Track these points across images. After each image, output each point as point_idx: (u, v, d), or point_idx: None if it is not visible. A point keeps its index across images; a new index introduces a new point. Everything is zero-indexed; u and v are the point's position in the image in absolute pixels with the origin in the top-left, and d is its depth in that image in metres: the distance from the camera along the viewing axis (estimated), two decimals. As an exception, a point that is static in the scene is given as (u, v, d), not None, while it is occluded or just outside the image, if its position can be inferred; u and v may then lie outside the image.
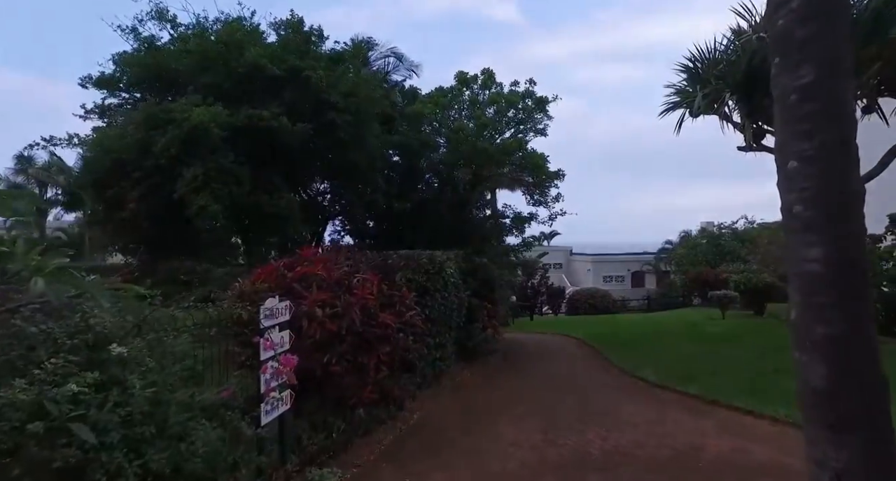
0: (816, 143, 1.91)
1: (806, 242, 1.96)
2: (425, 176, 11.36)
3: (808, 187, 1.93)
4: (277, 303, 4.54)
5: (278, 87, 9.18)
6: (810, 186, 1.92)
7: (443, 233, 11.15)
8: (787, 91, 2.01)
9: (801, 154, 1.95)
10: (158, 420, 3.10)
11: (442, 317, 8.93)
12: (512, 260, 22.42)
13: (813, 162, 1.91)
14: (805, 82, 1.93)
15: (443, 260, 8.68)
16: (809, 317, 2.03)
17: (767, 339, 10.50)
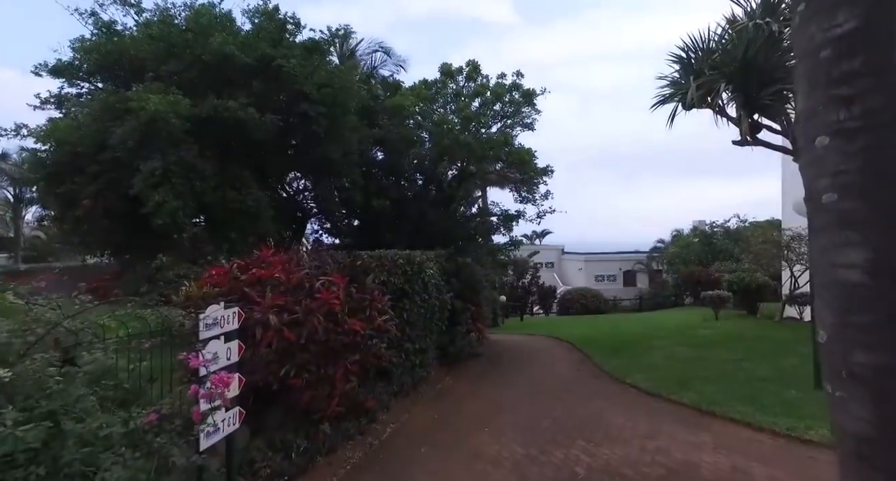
0: (858, 112, 1.40)
1: (842, 242, 1.44)
2: (407, 172, 10.84)
3: (845, 170, 1.41)
4: (223, 311, 4.02)
5: (248, 76, 8.64)
6: (849, 169, 1.41)
7: (425, 232, 10.65)
8: (815, 46, 1.50)
9: (837, 127, 1.43)
10: (49, 457, 2.58)
11: (421, 320, 8.44)
12: (501, 259, 22.03)
13: (853, 136, 1.40)
14: (844, 31, 1.42)
15: (422, 260, 8.18)
16: (847, 341, 1.50)
17: (763, 343, 10.09)
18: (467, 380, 9.04)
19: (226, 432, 4.05)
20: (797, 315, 14.39)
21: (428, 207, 10.86)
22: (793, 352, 9.03)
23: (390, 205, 10.22)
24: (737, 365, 8.36)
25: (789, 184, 17.04)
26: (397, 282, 7.37)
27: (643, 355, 9.88)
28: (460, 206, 12.07)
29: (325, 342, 5.30)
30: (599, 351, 10.78)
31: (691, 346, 10.27)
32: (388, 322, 6.34)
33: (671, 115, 9.95)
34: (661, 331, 13.29)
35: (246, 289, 4.75)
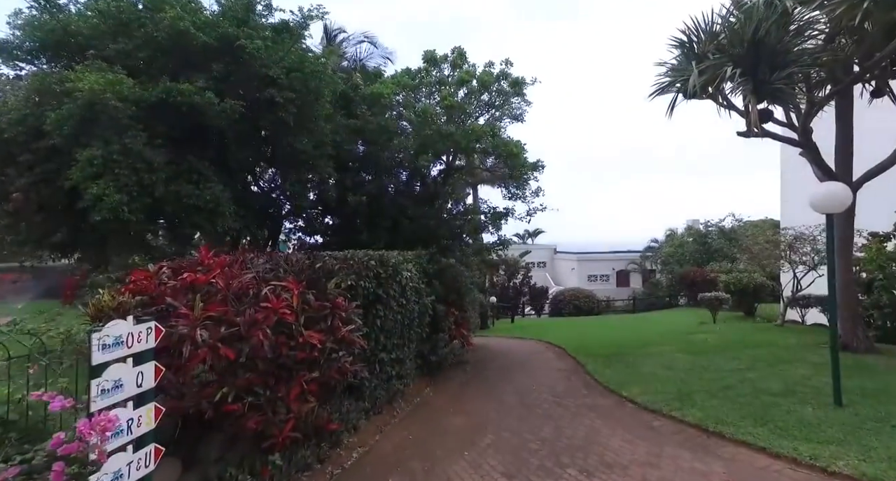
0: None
1: None
2: (386, 165, 10.06)
3: None
4: (131, 327, 3.25)
5: (207, 58, 7.81)
6: None
7: (406, 230, 9.89)
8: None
9: None
10: None
11: (399, 328, 7.69)
12: (491, 259, 21.31)
13: None
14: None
15: (398, 261, 7.42)
16: None
17: (768, 350, 9.42)
18: (449, 392, 8.29)
19: (136, 477, 3.27)
20: (799, 318, 13.77)
21: (409, 204, 10.09)
22: (801, 360, 8.37)
23: (367, 200, 9.44)
24: (741, 375, 7.67)
25: (789, 181, 16.46)
26: (369, 286, 6.60)
27: (639, 363, 9.17)
28: (446, 203, 11.30)
29: (274, 358, 4.53)
30: (592, 357, 10.07)
31: (690, 353, 9.58)
32: (353, 332, 5.57)
33: (671, 105, 9.27)
34: (657, 334, 12.62)
35: (169, 298, 3.95)
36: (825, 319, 12.98)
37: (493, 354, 11.66)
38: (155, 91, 6.92)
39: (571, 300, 28.47)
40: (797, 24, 6.87)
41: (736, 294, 17.46)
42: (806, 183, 15.89)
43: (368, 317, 6.86)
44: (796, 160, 16.64)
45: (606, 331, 15.12)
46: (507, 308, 26.37)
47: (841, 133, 8.56)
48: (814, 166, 8.92)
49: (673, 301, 28.90)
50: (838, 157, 8.58)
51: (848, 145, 8.53)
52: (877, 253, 9.56)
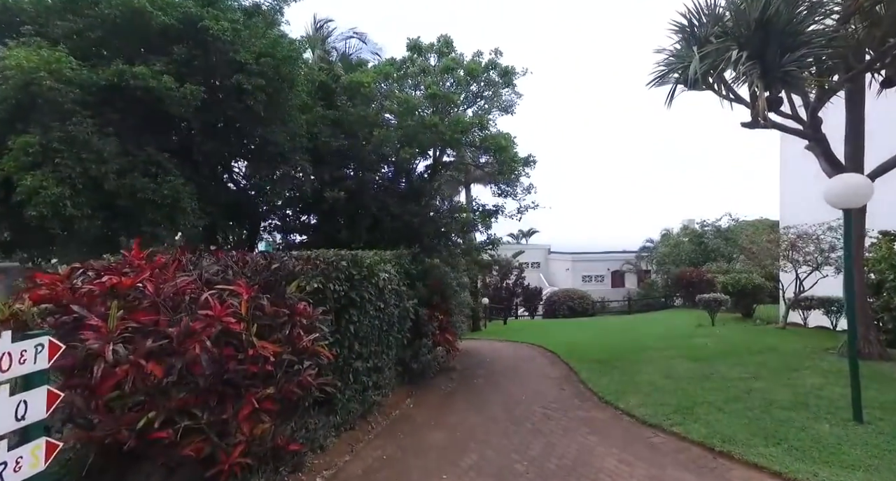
0: None
1: None
2: (367, 159, 9.42)
3: None
4: (9, 344, 2.61)
5: (169, 40, 7.16)
6: None
7: (388, 228, 9.26)
8: None
9: None
10: None
11: (376, 334, 7.07)
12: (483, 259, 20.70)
13: None
14: None
15: (374, 262, 6.79)
16: None
17: (773, 356, 8.85)
18: (432, 403, 7.66)
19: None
20: (801, 320, 13.24)
21: (393, 200, 9.46)
22: (810, 367, 7.80)
23: (346, 197, 8.80)
24: (747, 385, 7.08)
25: (789, 178, 15.94)
26: (340, 289, 5.97)
27: (636, 370, 8.58)
28: (433, 201, 10.68)
29: (218, 374, 3.90)
30: (586, 363, 9.49)
31: (691, 359, 9.00)
32: (318, 341, 4.95)
33: (669, 95, 8.69)
34: (655, 338, 12.05)
35: (77, 306, 3.30)
36: (828, 322, 12.46)
37: (481, 360, 11.05)
38: (105, 74, 6.26)
39: (566, 301, 27.91)
40: (808, 1, 6.30)
41: (734, 295, 16.95)
42: (806, 180, 15.41)
43: (341, 322, 6.26)
44: (796, 157, 16.18)
45: (601, 334, 14.54)
46: (500, 309, 25.77)
47: (851, 124, 8.00)
48: (821, 160, 8.37)
49: (669, 302, 28.41)
50: (848, 150, 8.02)
51: (859, 137, 7.98)
52: (888, 252, 9.01)
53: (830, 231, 11.41)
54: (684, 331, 13.02)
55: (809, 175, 15.09)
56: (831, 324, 12.36)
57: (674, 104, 8.41)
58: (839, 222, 11.32)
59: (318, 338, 4.95)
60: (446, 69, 9.40)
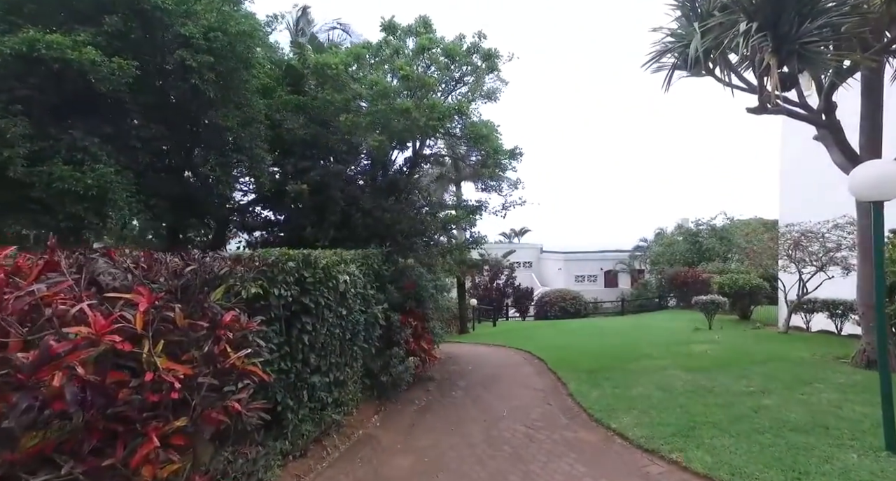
0: None
1: None
2: (338, 149, 8.58)
3: None
4: None
5: (99, 9, 6.28)
6: None
7: (358, 225, 8.41)
8: None
9: None
10: None
11: (336, 344, 6.23)
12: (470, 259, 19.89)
13: None
14: None
15: (333, 262, 5.94)
16: None
17: (780, 365, 8.09)
18: (401, 421, 6.83)
19: None
20: (803, 324, 12.52)
21: (364, 194, 8.62)
22: (823, 380, 7.03)
23: (311, 190, 7.95)
24: (755, 401, 6.30)
25: (789, 174, 15.24)
26: (287, 294, 5.13)
27: (630, 381, 7.79)
28: (410, 196, 9.84)
29: (103, 407, 3.05)
30: (575, 373, 8.69)
31: (689, 369, 8.22)
32: (251, 359, 4.10)
33: (666, 80, 7.92)
34: (649, 343, 11.27)
35: None
36: (833, 326, 11.74)
37: (463, 368, 10.22)
38: (11, 42, 5.37)
39: (557, 302, 27.14)
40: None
41: (731, 296, 16.26)
42: (808, 176, 14.73)
43: (292, 332, 5.42)
44: (797, 152, 15.50)
45: (593, 339, 13.75)
46: (490, 311, 24.97)
47: (868, 111, 7.24)
48: (833, 151, 7.61)
49: (663, 302, 27.74)
50: (863, 140, 7.26)
51: (876, 126, 7.22)
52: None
53: (837, 229, 10.68)
54: (681, 336, 12.26)
55: (811, 171, 14.46)
56: (836, 328, 11.64)
57: (670, 103, 7.66)
58: (846, 219, 10.60)
59: (252, 353, 4.10)
60: (422, 49, 8.53)
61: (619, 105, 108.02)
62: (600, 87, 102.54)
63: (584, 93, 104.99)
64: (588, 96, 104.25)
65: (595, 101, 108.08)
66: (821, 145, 9.77)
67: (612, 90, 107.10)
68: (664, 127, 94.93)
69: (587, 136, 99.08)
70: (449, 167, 14.06)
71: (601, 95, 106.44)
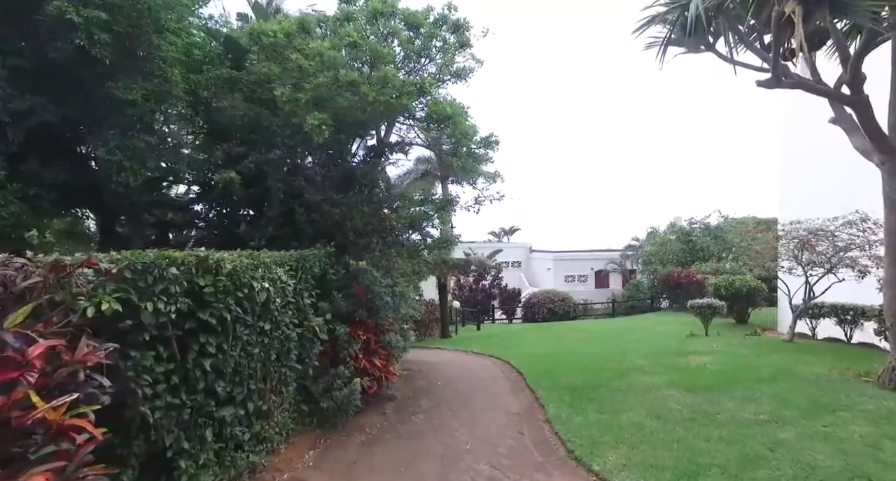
0: None
1: None
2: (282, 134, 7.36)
3: None
4: None
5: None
6: None
7: (303, 222, 7.19)
8: None
9: None
10: None
11: (256, 366, 5.04)
12: (453, 259, 18.71)
13: None
14: None
15: (244, 266, 4.73)
16: None
17: (792, 383, 6.96)
18: (342, 458, 5.63)
19: None
20: (809, 330, 11.47)
21: (311, 186, 7.42)
22: (848, 406, 5.90)
23: (246, 180, 6.74)
24: (769, 434, 5.17)
25: (792, 168, 14.22)
26: (171, 309, 3.91)
27: (618, 404, 6.65)
28: (371, 190, 8.64)
29: None
30: (556, 392, 7.54)
31: (687, 388, 7.09)
32: (74, 409, 2.90)
33: (660, 50, 6.80)
34: (641, 352, 10.14)
35: None
36: (842, 333, 10.69)
37: (432, 383, 9.04)
38: None
39: (546, 303, 26.02)
40: None
41: (727, 298, 15.22)
42: (812, 168, 13.71)
43: (187, 357, 4.23)
44: (800, 142, 14.48)
45: (580, 345, 12.64)
46: (474, 313, 23.80)
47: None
48: (854, 137, 6.50)
49: (655, 303, 26.72)
50: (893, 118, 6.15)
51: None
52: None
53: (848, 226, 9.61)
54: (675, 344, 11.15)
55: (816, 164, 13.43)
56: (845, 335, 10.60)
57: (663, 99, 6.55)
58: (857, 216, 9.55)
59: (77, 399, 2.89)
60: (374, 14, 7.32)
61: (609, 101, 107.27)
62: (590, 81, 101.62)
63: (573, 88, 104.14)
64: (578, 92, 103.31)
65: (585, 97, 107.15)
66: (826, 134, 8.72)
67: (603, 85, 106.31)
68: (656, 124, 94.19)
69: (578, 134, 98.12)
70: (435, 164, 12.91)
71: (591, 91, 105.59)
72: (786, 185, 14.62)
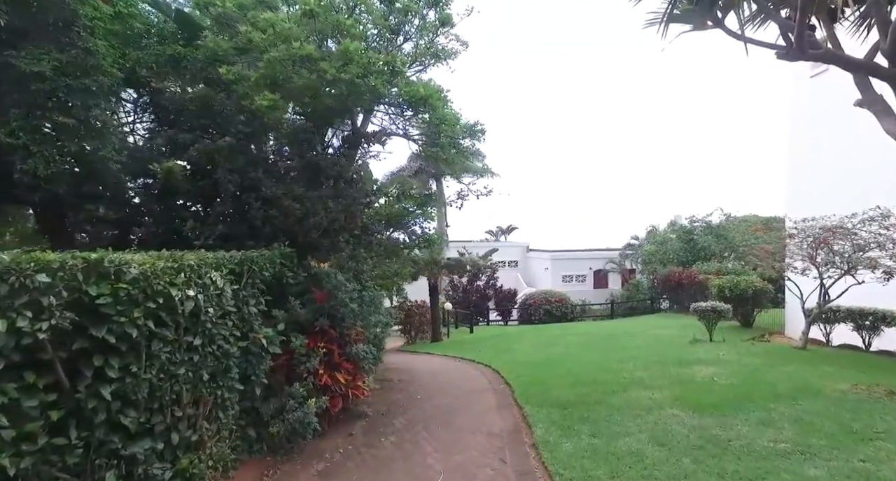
0: None
1: None
2: (235, 120, 6.51)
3: None
4: None
5: None
6: None
7: (258, 219, 6.35)
8: None
9: None
10: None
11: (178, 391, 4.20)
12: (444, 259, 17.86)
13: None
14: None
15: (160, 271, 3.88)
16: None
17: (814, 403, 6.09)
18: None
19: None
20: (822, 335, 10.63)
21: (269, 179, 6.58)
22: (888, 433, 5.05)
23: (193, 171, 5.91)
24: (797, 473, 4.31)
25: (802, 161, 13.38)
26: (43, 326, 3.08)
27: (615, 426, 5.81)
28: (342, 183, 7.79)
29: None
30: (546, 409, 6.71)
31: (693, 408, 6.24)
32: None
33: (662, 21, 5.97)
34: (641, 361, 9.30)
35: None
36: (860, 340, 9.86)
37: (411, 396, 8.21)
38: None
39: (542, 304, 25.21)
40: None
41: (732, 300, 14.39)
42: (823, 160, 12.87)
43: (78, 384, 3.41)
44: (811, 131, 13.63)
45: (575, 351, 11.81)
46: (467, 315, 22.96)
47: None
48: (885, 118, 5.63)
49: (655, 304, 25.88)
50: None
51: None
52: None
53: (868, 223, 8.77)
54: (678, 350, 10.30)
55: (828, 154, 12.61)
56: (863, 342, 9.76)
57: (663, 95, 5.68)
58: (878, 212, 8.71)
59: None
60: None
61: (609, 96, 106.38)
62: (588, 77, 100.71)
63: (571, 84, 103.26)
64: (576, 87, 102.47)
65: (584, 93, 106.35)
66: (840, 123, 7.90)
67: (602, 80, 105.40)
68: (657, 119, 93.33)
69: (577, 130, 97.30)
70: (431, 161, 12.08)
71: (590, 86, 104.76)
72: (794, 179, 13.79)
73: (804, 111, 13.84)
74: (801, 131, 13.84)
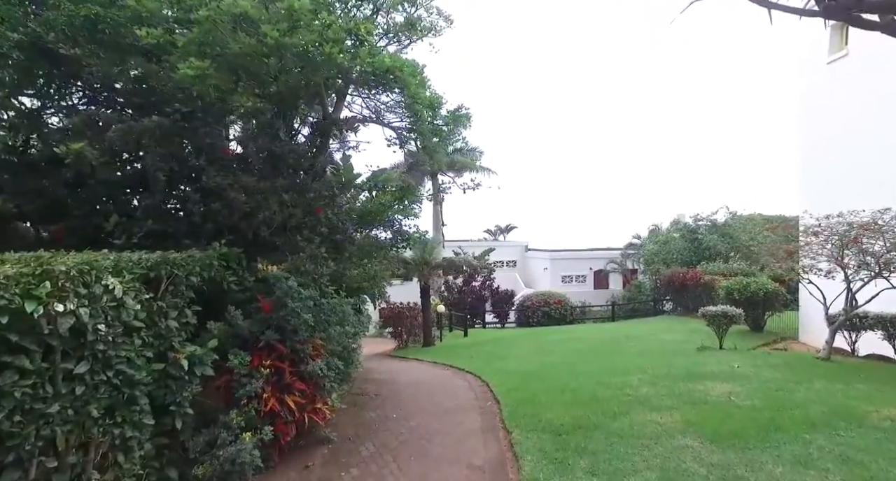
0: None
1: None
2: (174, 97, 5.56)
3: None
4: None
5: None
6: None
7: (197, 214, 5.39)
8: None
9: None
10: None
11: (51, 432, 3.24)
12: (436, 260, 16.90)
13: None
14: None
15: (10, 278, 2.92)
16: None
17: (862, 435, 5.11)
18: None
19: None
20: (847, 345, 9.65)
21: (216, 168, 5.62)
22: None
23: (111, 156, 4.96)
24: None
25: (815, 154, 12.43)
26: None
27: (618, 461, 4.85)
28: (312, 177, 6.84)
29: None
30: (537, 434, 5.77)
31: (710, 435, 5.28)
32: None
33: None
34: (646, 375, 8.34)
35: None
36: (891, 349, 8.88)
37: (386, 416, 7.25)
38: None
39: (540, 306, 24.24)
40: None
41: (742, 303, 13.44)
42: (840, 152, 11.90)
43: None
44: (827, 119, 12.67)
45: (574, 359, 10.86)
46: (462, 318, 21.98)
47: None
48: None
49: (658, 306, 24.89)
50: None
51: None
52: None
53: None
54: (686, 362, 9.32)
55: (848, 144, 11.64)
56: (895, 351, 8.79)
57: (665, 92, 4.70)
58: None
59: None
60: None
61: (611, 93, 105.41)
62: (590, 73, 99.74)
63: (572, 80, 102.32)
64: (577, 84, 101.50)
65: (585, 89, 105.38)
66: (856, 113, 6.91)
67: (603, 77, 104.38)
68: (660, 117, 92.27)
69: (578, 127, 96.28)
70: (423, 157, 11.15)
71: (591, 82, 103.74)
72: (807, 173, 12.85)
73: (818, 101, 12.92)
74: (814, 123, 12.91)
